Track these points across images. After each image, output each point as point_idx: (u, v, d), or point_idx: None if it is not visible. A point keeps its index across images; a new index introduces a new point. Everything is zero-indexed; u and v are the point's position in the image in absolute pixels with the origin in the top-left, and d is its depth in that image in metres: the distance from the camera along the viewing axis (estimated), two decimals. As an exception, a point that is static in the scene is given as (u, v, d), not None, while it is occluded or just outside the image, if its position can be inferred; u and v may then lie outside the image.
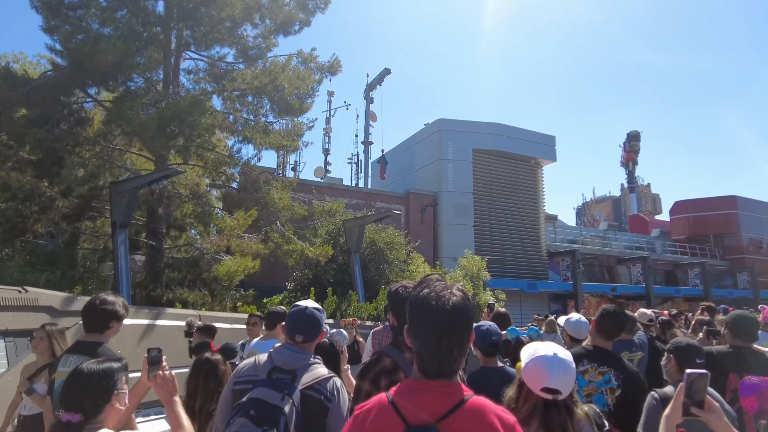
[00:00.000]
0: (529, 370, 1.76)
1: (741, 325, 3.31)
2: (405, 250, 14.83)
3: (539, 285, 25.06)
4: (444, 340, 1.20)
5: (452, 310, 1.22)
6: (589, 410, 1.86)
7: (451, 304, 1.22)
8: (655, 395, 2.56)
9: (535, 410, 1.73)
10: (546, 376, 1.70)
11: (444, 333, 1.20)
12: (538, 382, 1.71)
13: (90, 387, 1.67)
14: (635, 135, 57.37)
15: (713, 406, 1.71)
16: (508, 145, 25.48)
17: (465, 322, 1.24)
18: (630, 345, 3.92)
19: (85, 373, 1.70)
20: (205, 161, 10.50)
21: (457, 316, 1.22)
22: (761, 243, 35.84)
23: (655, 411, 2.48)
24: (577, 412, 1.78)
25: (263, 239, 11.10)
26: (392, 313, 2.23)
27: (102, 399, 1.68)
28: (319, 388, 1.93)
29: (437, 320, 1.21)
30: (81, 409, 1.62)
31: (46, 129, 8.56)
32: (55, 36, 9.00)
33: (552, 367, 1.70)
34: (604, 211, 61.43)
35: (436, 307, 1.22)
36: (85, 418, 1.62)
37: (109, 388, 1.71)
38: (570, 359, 1.76)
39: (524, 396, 1.78)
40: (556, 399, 1.70)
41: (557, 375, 1.70)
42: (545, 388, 1.69)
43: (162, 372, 1.97)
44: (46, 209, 9.11)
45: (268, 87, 10.61)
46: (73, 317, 5.02)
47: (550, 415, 1.71)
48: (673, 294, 30.84)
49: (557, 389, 1.69)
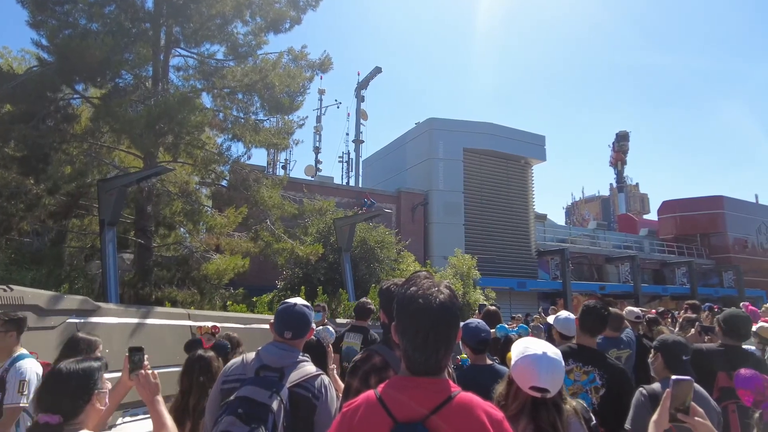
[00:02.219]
0: (518, 368, 1.77)
1: (733, 324, 3.35)
2: (395, 249, 14.84)
3: (529, 284, 25.24)
4: (431, 339, 1.21)
5: (439, 308, 1.22)
6: (576, 405, 1.87)
7: (437, 302, 1.22)
8: (643, 391, 2.59)
9: (524, 408, 1.74)
10: (535, 375, 1.71)
11: (431, 331, 1.21)
12: (527, 380, 1.72)
13: (69, 387, 1.62)
14: (624, 135, 57.95)
15: (698, 412, 1.73)
16: (499, 145, 25.60)
17: (451, 320, 1.24)
18: (618, 343, 3.96)
19: (63, 372, 1.65)
20: (195, 159, 10.41)
21: (443, 314, 1.22)
22: (746, 242, 36.43)
23: (643, 407, 2.51)
24: (566, 408, 1.79)
25: (253, 237, 11.04)
26: (383, 311, 2.23)
27: (82, 399, 1.64)
28: (307, 386, 1.93)
29: (424, 318, 1.21)
30: (59, 410, 1.58)
31: (31, 125, 8.43)
32: (41, 31, 8.86)
33: (541, 366, 1.71)
34: (593, 211, 62.01)
35: (423, 306, 1.22)
36: (64, 419, 1.58)
37: (89, 388, 1.66)
38: (559, 358, 1.78)
39: (513, 393, 1.79)
40: (544, 397, 1.71)
41: (546, 374, 1.70)
42: (534, 387, 1.70)
43: (144, 371, 1.95)
44: (32, 207, 8.98)
45: (259, 85, 10.54)
46: (59, 316, 4.95)
47: (539, 413, 1.72)
48: (660, 293, 31.23)
49: (546, 388, 1.70)
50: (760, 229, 37.74)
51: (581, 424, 1.83)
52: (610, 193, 60.89)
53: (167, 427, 1.87)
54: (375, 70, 29.41)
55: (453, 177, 24.50)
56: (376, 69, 29.36)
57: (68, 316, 5.03)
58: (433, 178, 24.48)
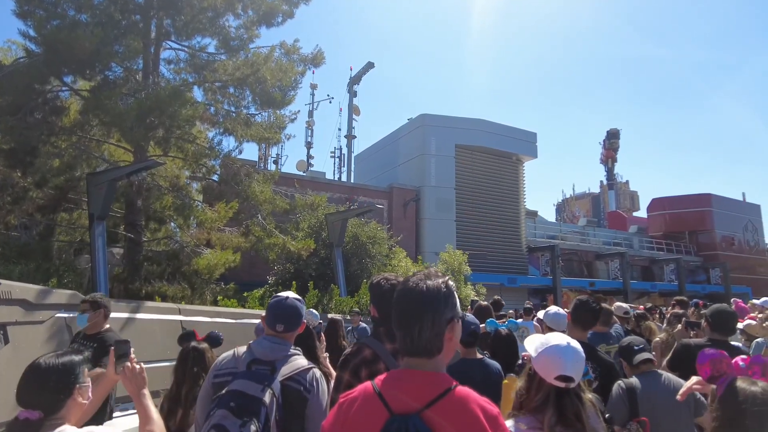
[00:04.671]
0: (542, 359, 1.79)
1: (720, 319, 3.42)
2: (387, 245, 14.88)
3: (519, 279, 25.42)
4: (408, 316, 1.25)
5: (419, 290, 1.26)
6: (592, 397, 1.90)
7: (426, 286, 1.27)
8: (621, 384, 2.72)
9: (548, 399, 1.76)
10: (561, 364, 1.73)
11: (407, 309, 1.26)
12: (553, 370, 1.74)
13: (49, 382, 1.58)
14: (615, 133, 58.38)
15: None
16: (491, 141, 25.69)
17: (427, 300, 1.25)
18: (608, 338, 4.00)
19: (42, 367, 1.60)
20: (186, 153, 10.33)
21: (428, 297, 1.25)
22: (733, 240, 36.93)
23: (619, 399, 2.66)
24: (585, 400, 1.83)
25: (244, 233, 10.99)
26: (373, 305, 2.25)
27: (62, 394, 1.59)
28: (298, 379, 1.94)
29: (408, 300, 1.27)
30: (39, 406, 1.54)
31: (18, 117, 8.30)
32: (28, 21, 8.71)
33: (567, 356, 1.75)
34: (584, 208, 62.47)
35: (411, 289, 1.27)
36: (45, 415, 1.54)
37: (70, 383, 1.62)
38: (580, 348, 1.82)
39: (536, 385, 1.81)
40: (568, 387, 1.74)
41: (572, 363, 1.74)
42: (560, 376, 1.72)
43: (131, 365, 1.94)
44: (20, 200, 8.85)
45: (250, 78, 10.46)
46: (48, 310, 4.92)
47: (563, 403, 1.74)
48: (649, 289, 31.59)
49: (571, 377, 1.73)
50: (747, 227, 38.29)
51: (598, 415, 1.87)
52: (601, 191, 61.34)
53: (153, 421, 1.85)
54: (368, 66, 29.31)
55: (445, 173, 24.56)
56: (369, 64, 29.26)
57: (57, 310, 4.99)
58: (425, 174, 24.52)
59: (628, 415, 2.61)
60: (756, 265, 37.71)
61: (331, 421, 1.27)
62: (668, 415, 2.61)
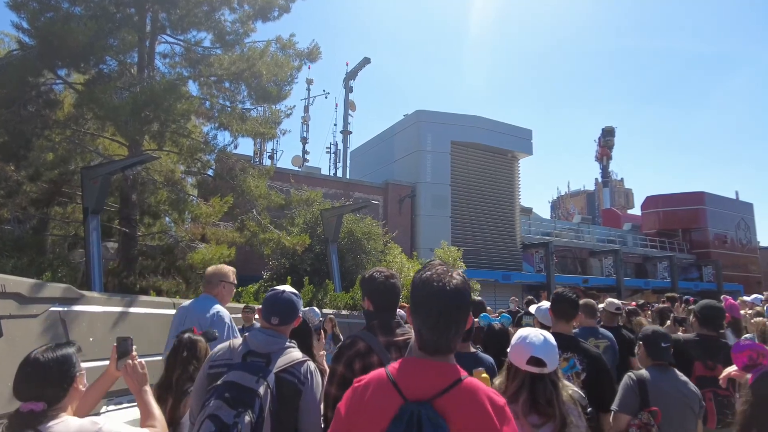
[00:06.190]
0: (515, 348, 1.90)
1: (708, 314, 3.46)
2: (382, 241, 14.91)
3: (513, 276, 25.51)
4: (442, 320, 1.29)
5: (452, 291, 1.30)
6: (573, 393, 1.97)
7: (451, 285, 1.31)
8: (632, 376, 2.72)
9: (522, 385, 1.85)
10: (531, 347, 1.83)
11: (443, 312, 1.29)
12: (524, 354, 1.83)
13: (51, 374, 1.62)
14: (610, 130, 58.56)
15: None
16: (486, 138, 25.71)
17: (462, 303, 1.32)
18: (596, 332, 4.05)
19: (41, 361, 1.63)
20: (181, 147, 10.29)
21: (455, 297, 1.30)
22: (726, 238, 37.20)
23: (631, 390, 2.66)
24: (563, 394, 1.89)
25: (239, 227, 10.98)
26: (367, 298, 2.27)
27: (65, 383, 1.64)
28: (293, 371, 1.96)
29: (437, 299, 1.30)
30: (44, 398, 1.58)
31: (12, 110, 8.23)
32: (22, 13, 8.62)
33: (535, 339, 1.85)
34: (578, 205, 62.76)
35: (437, 288, 1.31)
36: (48, 406, 1.58)
37: (72, 372, 1.67)
38: (550, 335, 1.91)
39: (513, 375, 1.91)
40: (542, 372, 1.80)
41: (541, 346, 1.83)
42: (531, 358, 1.81)
43: (132, 361, 1.95)
44: (13, 193, 8.81)
45: (246, 73, 10.42)
46: (42, 304, 4.90)
47: (536, 388, 1.82)
48: (642, 286, 31.79)
49: (542, 359, 1.80)
50: (740, 225, 38.58)
51: (578, 410, 1.92)
52: (595, 188, 61.60)
53: (155, 417, 1.87)
54: (364, 61, 29.21)
55: (440, 169, 24.58)
56: (365, 60, 29.17)
57: (51, 304, 4.98)
58: (420, 170, 24.53)
59: (639, 405, 2.61)
60: (748, 263, 38.03)
61: (347, 405, 1.32)
62: (677, 408, 2.63)
